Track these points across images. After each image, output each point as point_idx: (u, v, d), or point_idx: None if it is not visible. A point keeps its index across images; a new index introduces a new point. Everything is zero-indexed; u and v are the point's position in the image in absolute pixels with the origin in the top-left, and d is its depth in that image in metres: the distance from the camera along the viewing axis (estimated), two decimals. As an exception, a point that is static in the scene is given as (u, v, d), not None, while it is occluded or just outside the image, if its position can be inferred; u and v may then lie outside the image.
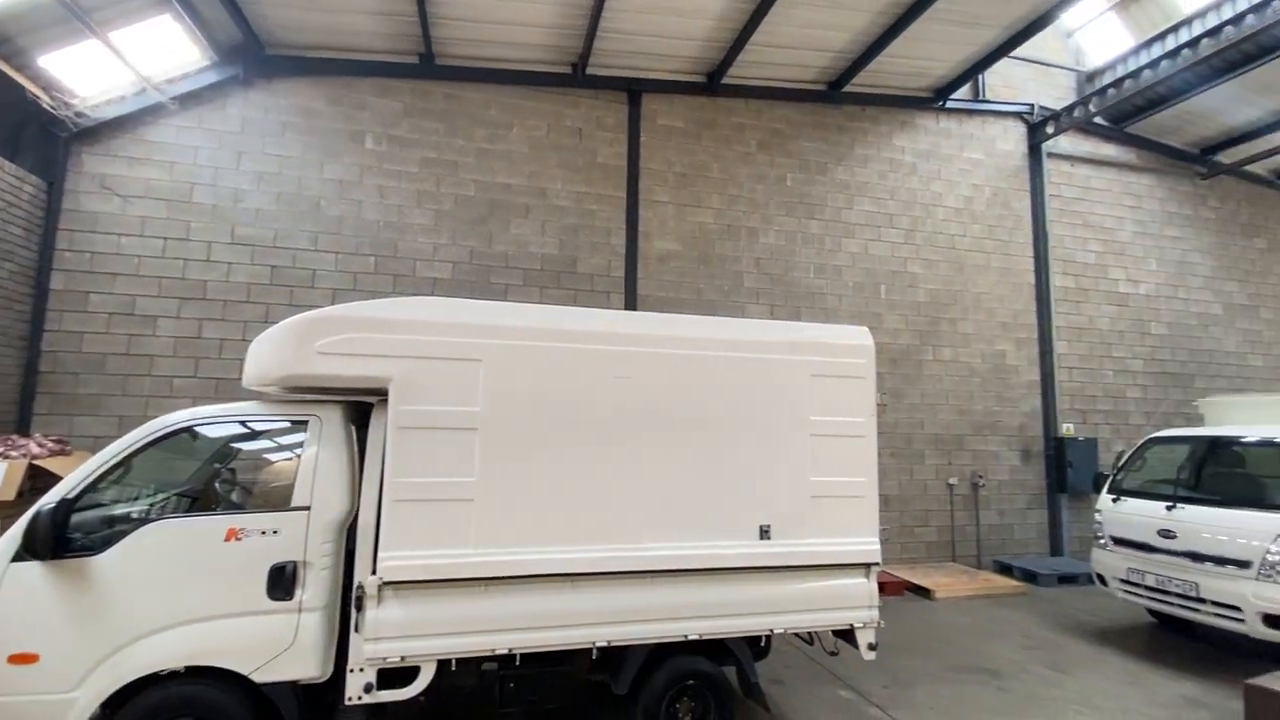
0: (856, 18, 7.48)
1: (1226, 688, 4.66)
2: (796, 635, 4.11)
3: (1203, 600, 5.12)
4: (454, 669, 3.27)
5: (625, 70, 8.05)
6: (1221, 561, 5.03)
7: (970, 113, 9.43)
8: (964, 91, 9.36)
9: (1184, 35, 8.58)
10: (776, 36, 7.66)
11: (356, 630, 3.13)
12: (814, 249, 8.59)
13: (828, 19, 7.47)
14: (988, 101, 9.45)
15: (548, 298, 7.55)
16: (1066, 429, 9.03)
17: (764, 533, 3.69)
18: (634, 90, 8.11)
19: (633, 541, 3.46)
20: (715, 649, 3.74)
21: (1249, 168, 10.61)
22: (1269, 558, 4.76)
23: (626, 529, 3.46)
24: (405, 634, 3.12)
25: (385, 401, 3.27)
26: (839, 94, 8.75)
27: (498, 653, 3.27)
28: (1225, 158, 10.41)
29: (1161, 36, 8.97)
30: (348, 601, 3.22)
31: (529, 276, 7.61)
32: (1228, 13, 8.03)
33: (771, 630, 3.75)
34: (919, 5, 7.14)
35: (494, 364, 3.35)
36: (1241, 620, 4.86)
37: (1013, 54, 9.33)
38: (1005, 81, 9.65)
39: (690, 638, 3.53)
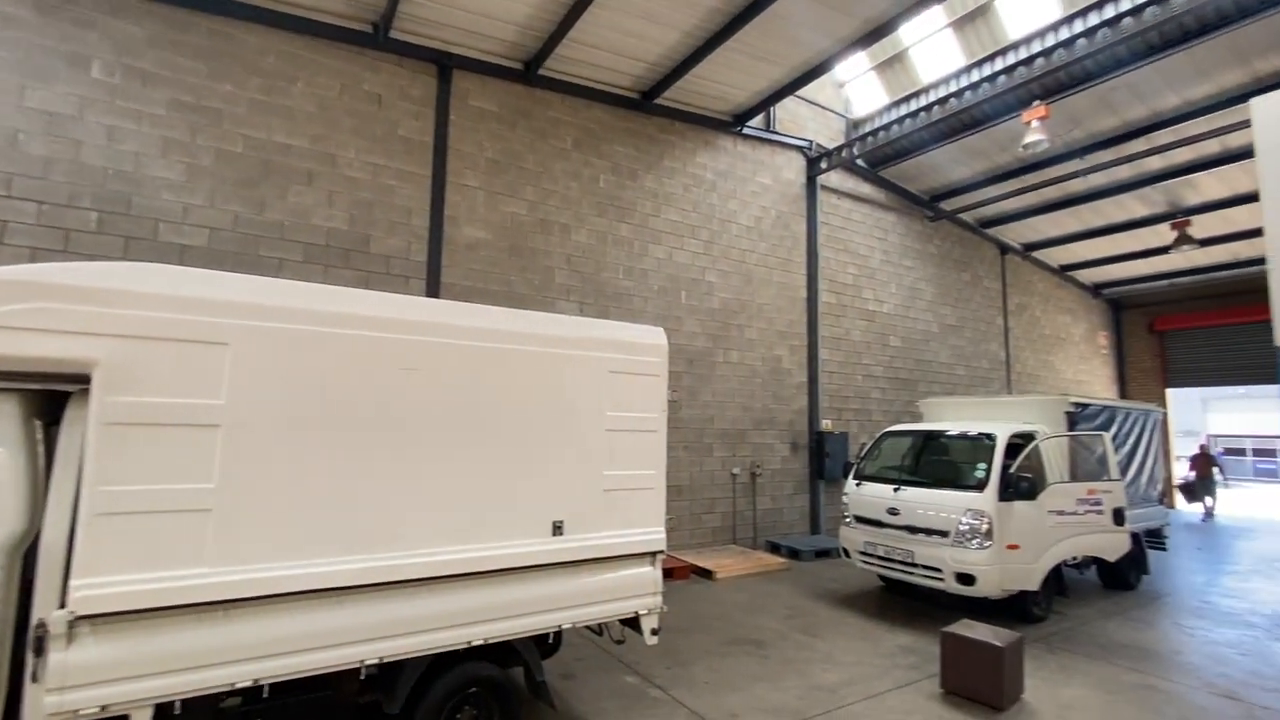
0: (668, 33, 7.87)
1: (931, 635, 5.74)
2: (587, 628, 4.16)
3: (916, 565, 6.25)
4: (178, 713, 2.73)
5: (435, 41, 7.53)
6: (930, 533, 6.19)
7: (762, 140, 10.48)
8: (758, 121, 10.38)
9: (922, 100, 10.46)
10: (594, 36, 7.75)
11: (34, 679, 2.46)
12: (624, 251, 8.86)
13: (642, 29, 7.74)
14: (776, 133, 10.58)
15: (334, 278, 6.77)
16: (825, 424, 10.49)
17: (557, 529, 3.67)
18: (444, 65, 7.63)
19: (410, 548, 3.20)
20: (501, 651, 3.63)
21: (962, 215, 13.30)
22: (960, 528, 5.96)
23: (403, 534, 3.19)
24: (108, 678, 2.52)
25: (88, 391, 2.61)
26: (651, 105, 9.14)
27: (240, 686, 2.80)
28: (946, 205, 12.91)
29: (906, 99, 10.84)
30: (21, 644, 2.52)
31: (311, 252, 6.75)
32: (953, 86, 9.96)
33: (561, 626, 3.74)
34: (722, 34, 7.73)
35: (244, 349, 2.85)
36: (942, 579, 6.02)
37: (798, 94, 10.57)
38: (791, 118, 10.89)
39: (474, 644, 3.38)
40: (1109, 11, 8.23)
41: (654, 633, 4.09)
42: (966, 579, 5.83)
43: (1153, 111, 9.47)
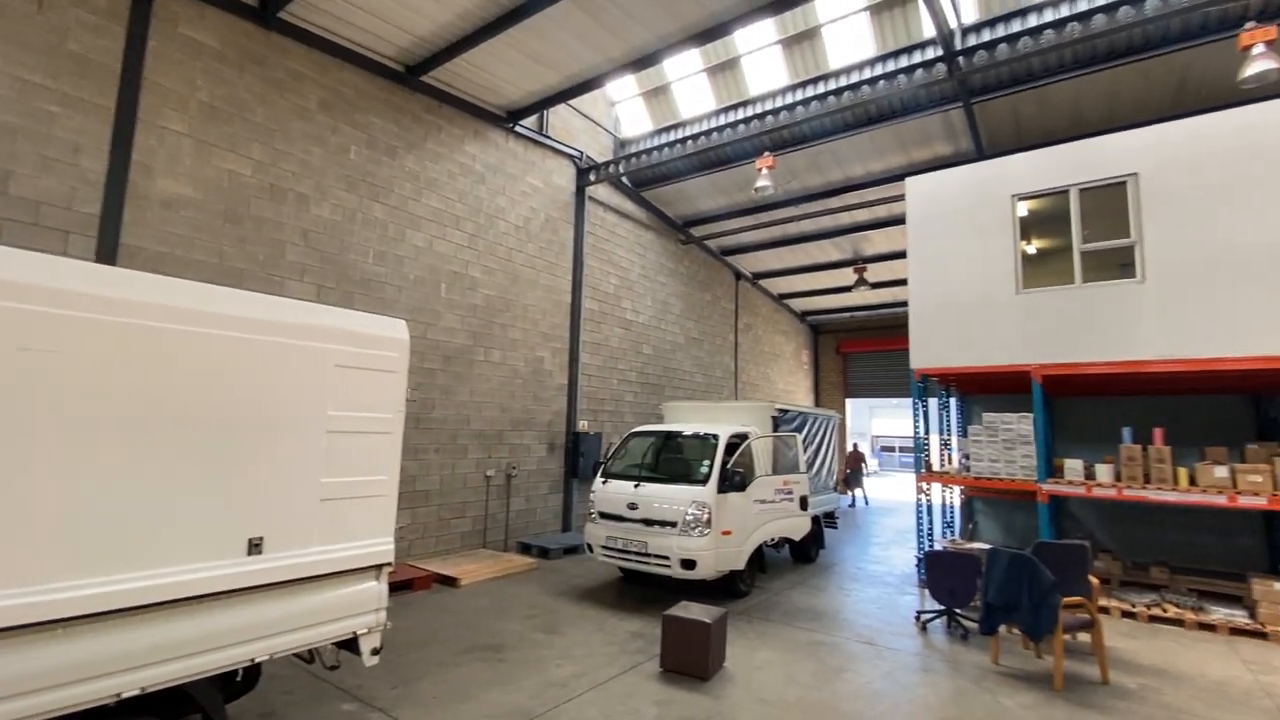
0: (441, 11, 7.44)
1: (658, 619, 6.28)
2: (295, 655, 3.64)
3: (650, 555, 6.79)
4: None
5: (130, -58, 6.02)
6: (663, 524, 6.78)
7: (535, 142, 10.51)
8: (531, 122, 10.39)
9: (680, 133, 11.52)
10: (351, -8, 6.97)
11: None
12: (376, 233, 8.10)
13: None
14: (549, 137, 10.71)
15: (-63, 221, 4.95)
16: (582, 425, 10.90)
17: (254, 547, 3.15)
18: (143, -26, 6.13)
19: (35, 582, 2.46)
20: (170, 700, 2.99)
21: (708, 242, 14.98)
22: (686, 518, 6.65)
23: (24, 566, 2.43)
24: None
25: None
26: (418, 81, 8.54)
27: None
28: (696, 231, 14.41)
29: (668, 129, 11.85)
30: None
31: (-104, 181, 4.85)
32: (706, 125, 11.16)
33: (255, 659, 3.21)
34: (497, 24, 7.55)
35: None
36: (669, 565, 6.64)
37: (573, 105, 10.85)
38: (565, 126, 11.12)
39: (127, 696, 2.71)
40: (822, 88, 10.03)
41: (375, 652, 3.76)
42: (689, 564, 6.52)
43: (845, 176, 11.79)
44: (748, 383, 17.35)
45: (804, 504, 8.08)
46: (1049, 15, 8.27)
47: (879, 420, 42.69)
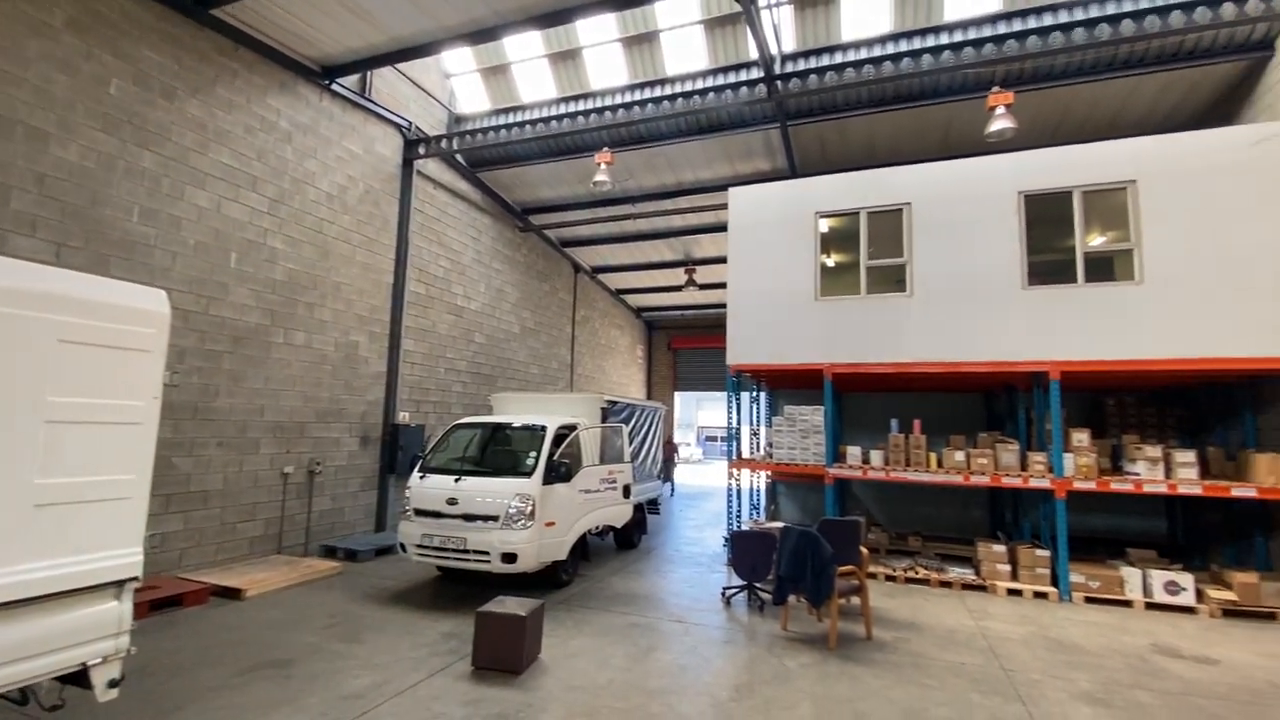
0: (235, -64, 6.43)
1: (473, 617, 6.06)
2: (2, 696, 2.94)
3: (469, 551, 6.54)
4: None
5: None
6: (485, 519, 6.57)
7: (356, 105, 9.57)
8: (354, 83, 9.45)
9: (521, 116, 11.23)
10: (112, -110, 5.74)
11: None
12: (144, 187, 6.80)
13: (195, -86, 6.12)
14: (373, 102, 9.82)
15: None
16: (403, 416, 10.20)
17: (-77, 568, 2.46)
18: None
19: None
20: None
21: (548, 231, 14.82)
22: (509, 511, 6.51)
23: None
24: None
25: None
26: (208, 15, 7.31)
27: None
28: (536, 220, 14.18)
29: (507, 111, 11.49)
30: None
31: None
32: (548, 111, 10.99)
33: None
34: (309, -34, 6.74)
35: None
36: (489, 560, 6.45)
37: (402, 71, 10.06)
38: (393, 92, 10.27)
39: None
40: (659, 92, 10.38)
41: (113, 685, 3.16)
42: (510, 558, 6.39)
43: (678, 180, 12.36)
44: (584, 375, 17.52)
45: (627, 492, 8.35)
46: (851, 55, 9.37)
47: (704, 412, 45.66)
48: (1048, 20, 8.50)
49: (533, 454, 6.98)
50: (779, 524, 7.05)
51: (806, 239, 8.98)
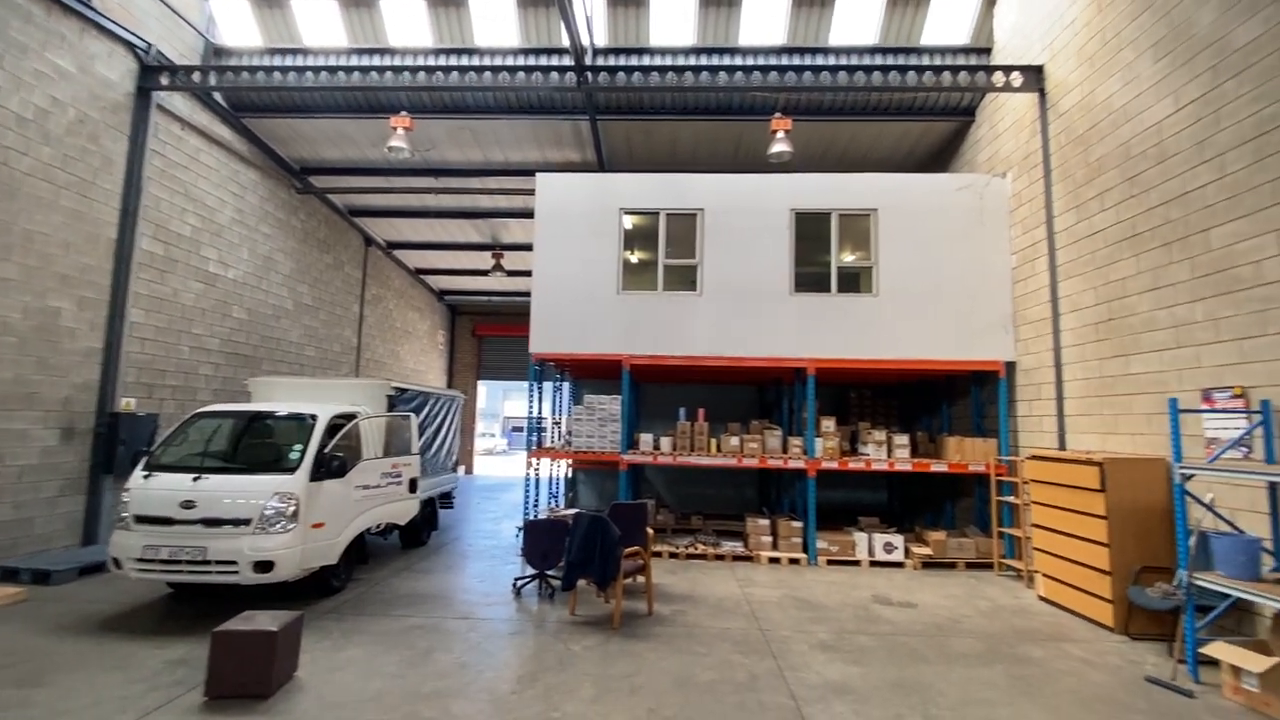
0: None
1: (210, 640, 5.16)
2: None
3: (209, 562, 5.55)
4: None
5: None
6: (232, 523, 5.62)
7: (69, 10, 7.53)
8: (60, -23, 7.42)
9: (302, 61, 9.81)
10: None
11: None
12: None
13: None
14: (94, 9, 7.82)
15: None
16: (126, 403, 8.34)
17: None
18: None
19: None
20: None
21: (332, 197, 13.22)
22: (265, 513, 5.65)
23: None
24: None
25: None
26: None
27: None
28: (318, 182, 12.55)
29: (285, 52, 9.96)
30: None
31: None
32: (334, 61, 9.74)
33: None
34: None
35: None
36: (237, 572, 5.54)
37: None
38: (123, 3, 8.29)
39: None
40: (466, 61, 9.81)
41: None
42: (265, 566, 5.56)
43: (486, 159, 11.85)
44: (374, 360, 16.03)
45: (414, 486, 7.79)
46: (658, 60, 9.77)
47: (512, 403, 44.90)
48: (820, 60, 9.73)
49: (298, 447, 6.15)
50: (573, 511, 7.13)
51: (611, 233, 9.18)
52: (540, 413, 9.83)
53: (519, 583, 7.06)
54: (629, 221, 9.73)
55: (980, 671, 4.83)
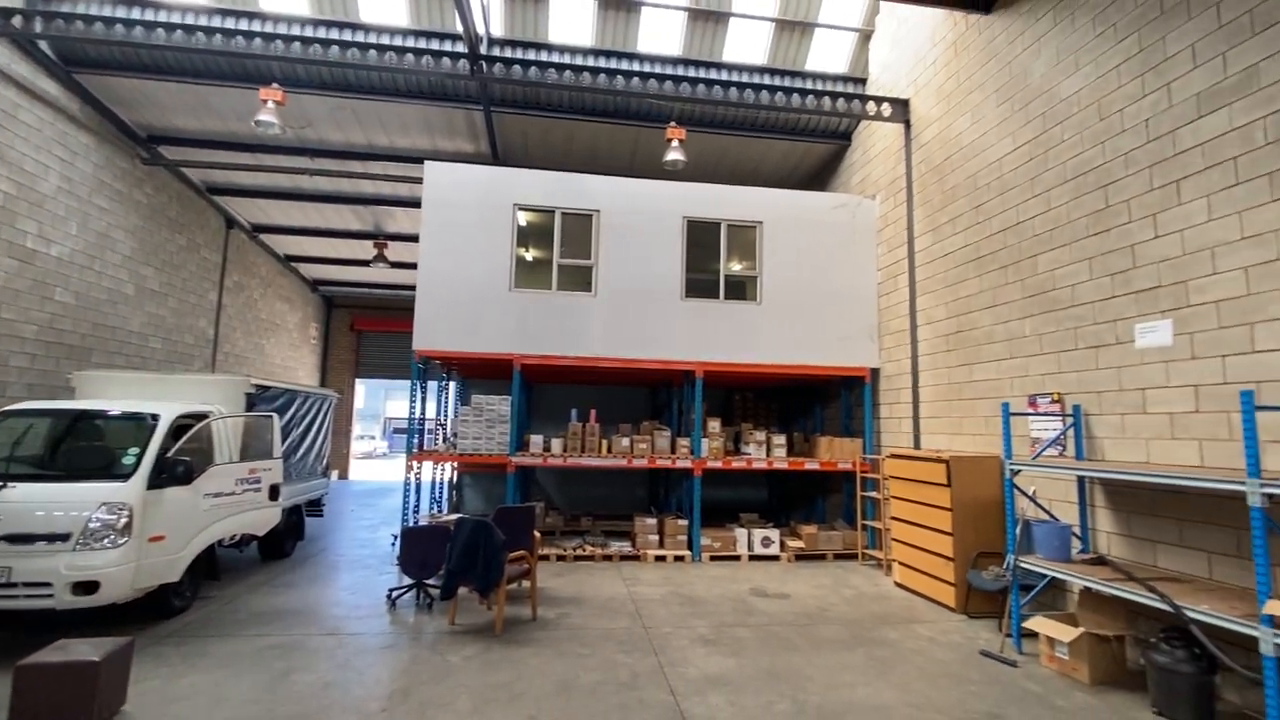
0: None
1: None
2: None
3: (15, 584, 4.76)
4: None
5: None
6: (46, 539, 4.85)
7: None
8: None
9: (148, 14, 8.68)
10: None
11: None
12: None
13: None
14: None
15: None
16: (-96, 400, 6.94)
17: None
18: None
19: None
20: None
21: (188, 171, 11.82)
22: (90, 526, 4.93)
23: None
24: None
25: None
26: None
27: None
28: (168, 153, 11.16)
29: (133, 4, 8.77)
30: None
31: None
32: (190, 19, 8.71)
33: None
34: None
35: None
36: (52, 595, 4.79)
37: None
38: (-91, -84, 6.91)
39: None
40: (348, 36, 9.16)
41: None
42: (88, 587, 4.85)
43: (370, 142, 11.13)
44: (234, 354, 14.51)
45: (275, 493, 7.12)
46: (556, 58, 9.66)
47: (394, 403, 42.53)
48: (714, 75, 10.08)
49: (134, 450, 5.42)
50: (455, 516, 6.85)
51: (504, 229, 8.95)
52: (424, 413, 9.37)
53: (394, 594, 6.67)
54: (523, 218, 9.55)
55: (844, 656, 5.20)
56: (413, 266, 16.47)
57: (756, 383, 11.32)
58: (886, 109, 9.14)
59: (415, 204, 12.86)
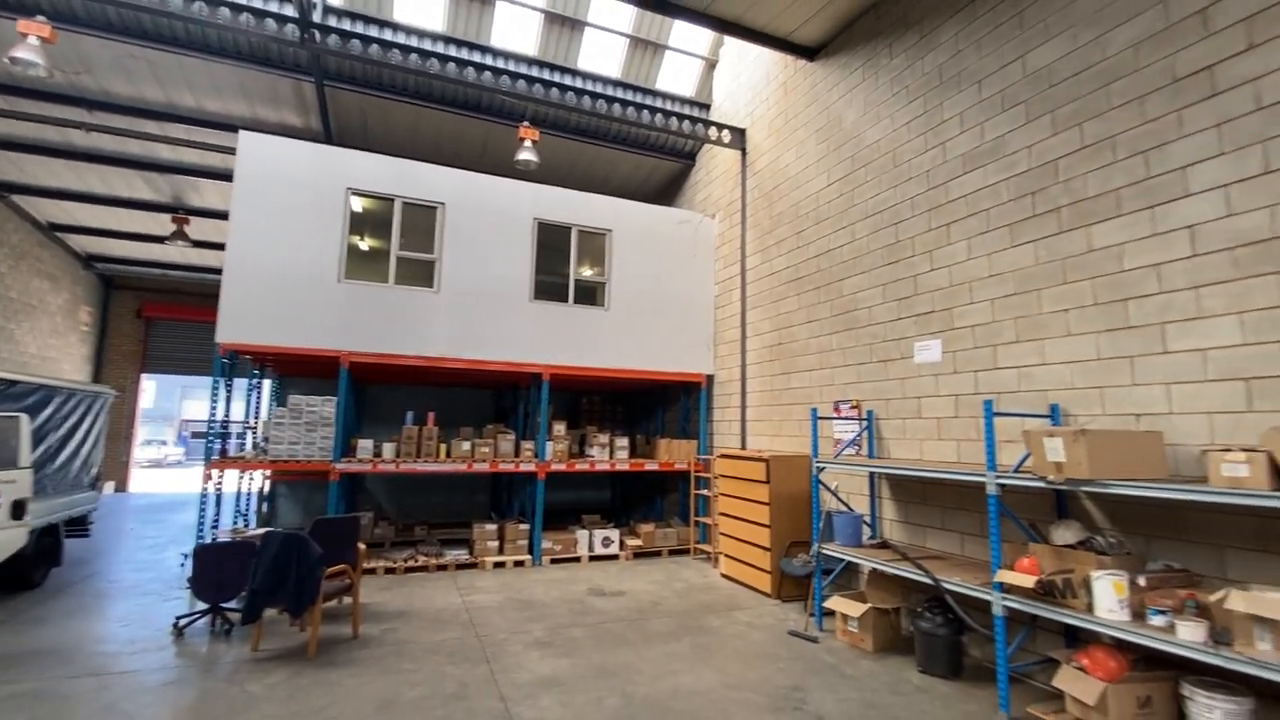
0: None
1: None
2: None
3: None
4: None
5: None
6: None
7: None
8: None
9: None
10: None
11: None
12: None
13: None
14: None
15: None
16: None
17: None
18: None
19: None
20: None
21: (-102, 106, 9.31)
22: None
23: None
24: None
25: None
26: None
27: None
28: None
29: None
30: None
31: None
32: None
33: None
34: None
35: None
36: None
37: None
38: None
39: None
40: (141, -25, 7.85)
41: None
42: None
43: (170, 100, 9.62)
44: (-36, 339, 11.68)
45: (20, 511, 5.85)
46: (402, 39, 9.11)
47: (193, 403, 37.05)
48: (568, 81, 10.16)
49: None
50: (263, 531, 6.14)
51: (335, 214, 8.23)
52: (228, 415, 8.28)
53: (182, 621, 5.80)
54: (358, 204, 8.86)
55: (671, 646, 5.49)
56: (220, 247, 14.51)
57: (603, 386, 11.55)
58: (726, 136, 9.85)
59: (227, 177, 11.36)
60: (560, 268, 9.59)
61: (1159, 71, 4.40)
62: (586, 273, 9.94)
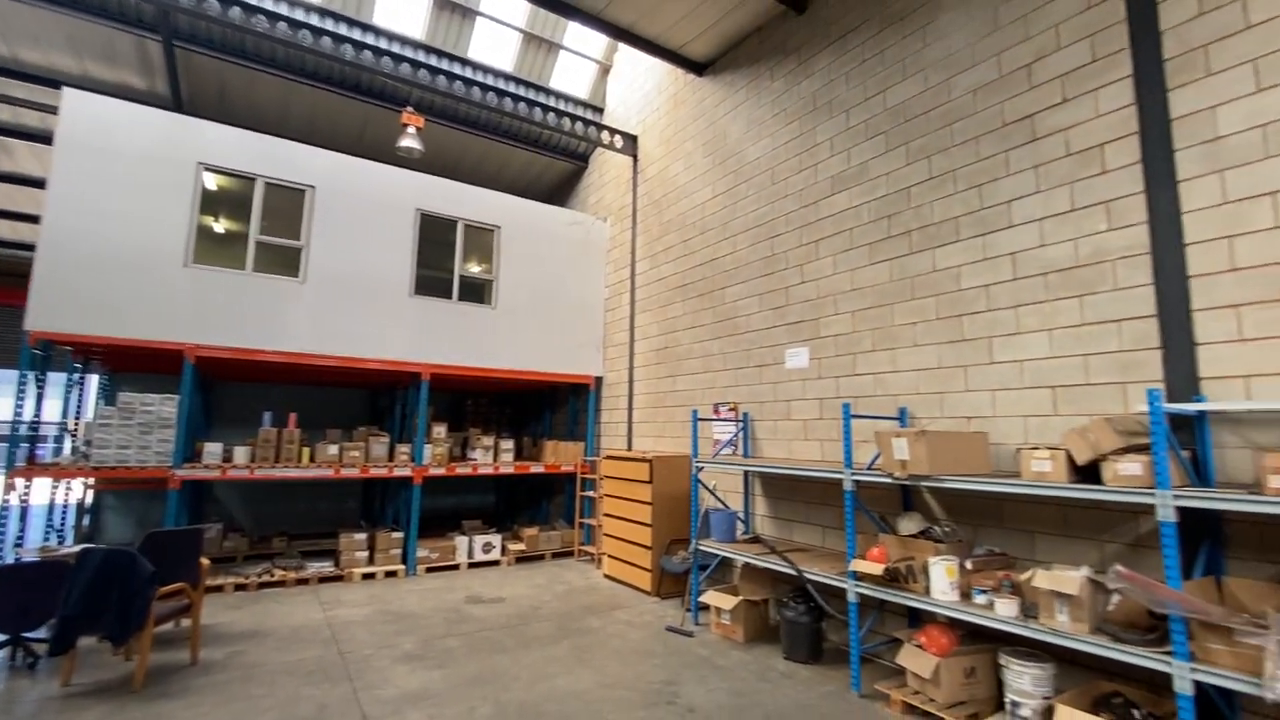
0: None
1: None
2: None
3: None
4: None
5: None
6: None
7: None
8: None
9: None
10: None
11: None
12: None
13: None
14: None
15: None
16: None
17: None
18: None
19: None
20: None
21: None
22: None
23: None
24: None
25: None
26: None
27: None
28: None
29: None
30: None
31: None
32: None
33: None
34: None
35: None
36: None
37: None
38: None
39: None
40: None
41: None
42: None
43: (-31, 44, 8.15)
44: None
45: None
46: (269, 5, 8.34)
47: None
48: (457, 69, 9.80)
49: None
50: (80, 548, 5.34)
51: (184, 190, 7.35)
52: (39, 415, 7.13)
53: (-32, 657, 4.92)
54: (212, 181, 8.00)
55: (550, 650, 5.44)
56: (34, 219, 12.52)
57: (490, 387, 11.23)
58: (619, 141, 9.96)
59: (46, 139, 9.82)
60: (445, 263, 9.21)
61: (992, 116, 5.02)
62: (474, 269, 9.63)
